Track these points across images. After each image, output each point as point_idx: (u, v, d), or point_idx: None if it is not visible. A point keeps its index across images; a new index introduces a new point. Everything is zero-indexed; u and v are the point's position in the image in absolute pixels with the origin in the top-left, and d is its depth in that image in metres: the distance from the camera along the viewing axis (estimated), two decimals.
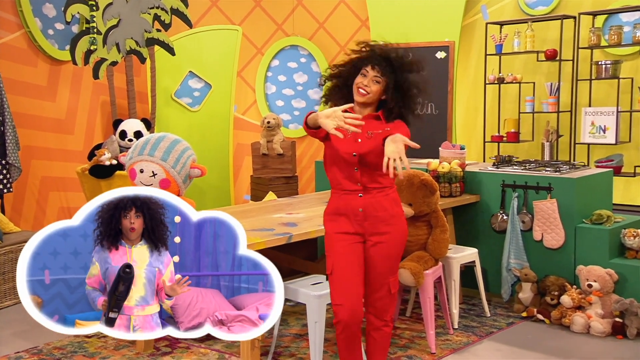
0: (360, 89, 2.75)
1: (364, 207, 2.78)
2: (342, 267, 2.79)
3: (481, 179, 4.44)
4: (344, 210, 2.80)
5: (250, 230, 3.37)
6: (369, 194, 2.78)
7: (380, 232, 2.80)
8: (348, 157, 2.75)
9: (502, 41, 5.88)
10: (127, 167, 3.44)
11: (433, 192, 3.63)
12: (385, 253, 2.81)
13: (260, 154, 6.31)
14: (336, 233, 2.82)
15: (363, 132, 2.76)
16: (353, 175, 2.77)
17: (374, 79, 2.74)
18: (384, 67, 2.73)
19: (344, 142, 2.75)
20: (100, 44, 5.63)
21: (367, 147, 2.74)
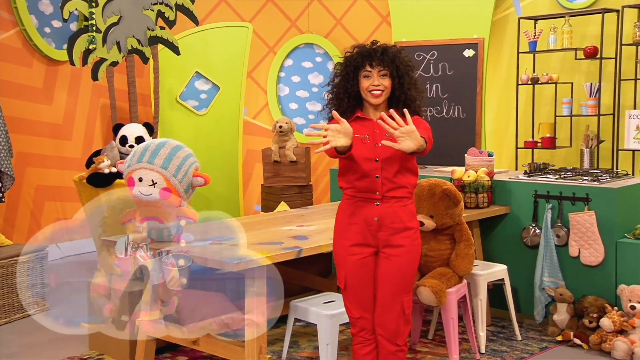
0: (373, 92, 2.80)
1: (380, 217, 2.81)
2: (356, 281, 2.83)
3: (511, 189, 4.43)
4: (357, 219, 2.84)
5: (257, 243, 3.41)
6: (387, 204, 2.81)
7: (394, 244, 2.83)
8: (369, 164, 2.78)
9: (536, 38, 5.87)
10: (125, 175, 3.48)
11: (456, 202, 3.63)
12: (399, 268, 2.83)
13: (272, 161, 6.35)
14: (348, 244, 2.85)
15: (381, 134, 2.79)
16: (373, 183, 2.80)
17: (380, 74, 2.79)
18: (382, 60, 2.78)
19: (363, 148, 2.79)
20: (99, 43, 5.72)
21: (389, 150, 2.77)
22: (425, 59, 6.12)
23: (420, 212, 3.63)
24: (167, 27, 6.08)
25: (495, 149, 6.19)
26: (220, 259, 3.08)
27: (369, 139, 2.79)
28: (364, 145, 2.79)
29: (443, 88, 6.07)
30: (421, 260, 3.70)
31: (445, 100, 6.04)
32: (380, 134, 2.81)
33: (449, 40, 6.05)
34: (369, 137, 2.80)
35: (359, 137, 2.80)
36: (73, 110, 6.43)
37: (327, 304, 3.37)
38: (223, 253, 3.20)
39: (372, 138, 2.80)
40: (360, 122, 2.85)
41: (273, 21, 7.22)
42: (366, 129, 2.83)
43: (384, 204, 2.81)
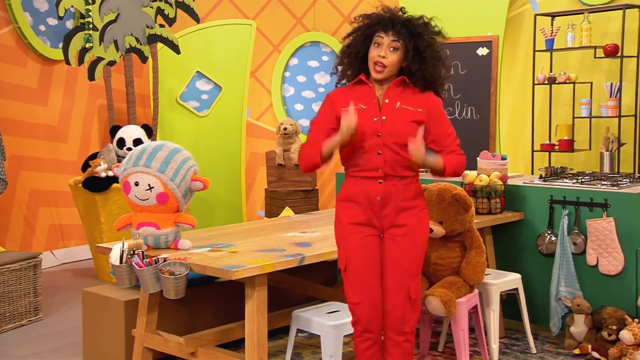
0: (376, 65, 2.72)
1: (383, 196, 2.79)
2: (358, 261, 2.80)
3: (526, 194, 4.42)
4: (360, 197, 2.81)
5: (257, 250, 3.42)
6: (390, 182, 2.78)
7: (399, 224, 2.81)
8: (371, 139, 2.74)
9: (553, 35, 5.86)
10: (120, 179, 3.51)
11: (467, 208, 3.63)
12: (405, 249, 2.81)
13: (276, 165, 6.37)
14: (349, 223, 2.82)
15: (390, 105, 2.74)
16: (374, 160, 2.76)
17: (391, 46, 2.71)
18: (400, 30, 2.70)
19: (363, 120, 2.73)
20: (96, 42, 5.77)
21: (394, 125, 2.73)
22: None
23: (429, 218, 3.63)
24: (167, 25, 6.12)
25: (510, 152, 6.18)
26: (219, 267, 3.10)
27: (366, 110, 2.74)
28: (364, 118, 2.73)
29: (455, 88, 6.07)
30: (430, 268, 3.71)
31: (457, 101, 6.04)
32: (386, 106, 2.73)
33: (462, 38, 6.05)
34: (366, 107, 2.75)
35: (357, 108, 2.74)
36: (69, 111, 6.48)
37: (331, 314, 3.38)
38: (222, 260, 3.22)
39: (370, 110, 2.74)
40: (361, 87, 2.80)
41: (277, 18, 7.26)
42: (365, 97, 2.78)
43: (387, 182, 2.78)
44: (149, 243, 3.45)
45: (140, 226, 3.45)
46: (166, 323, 3.71)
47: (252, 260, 3.20)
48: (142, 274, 3.23)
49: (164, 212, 3.46)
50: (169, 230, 3.46)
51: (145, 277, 3.22)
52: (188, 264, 3.21)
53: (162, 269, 3.20)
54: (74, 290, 5.33)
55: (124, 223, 3.53)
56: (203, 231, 3.98)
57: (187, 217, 3.51)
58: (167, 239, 3.47)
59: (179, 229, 3.52)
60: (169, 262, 3.23)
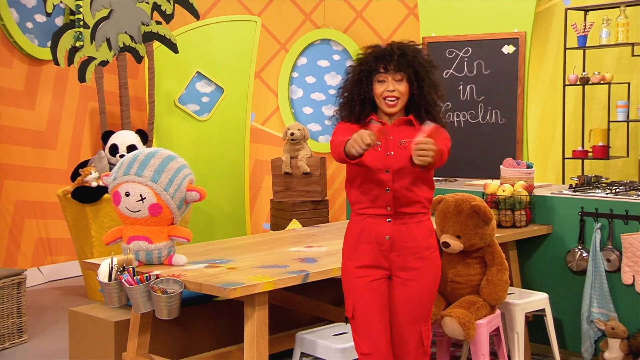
0: (387, 99, 2.84)
1: (392, 235, 2.85)
2: (366, 308, 2.85)
3: (554, 206, 4.42)
4: (367, 237, 2.87)
5: (258, 266, 3.44)
6: (400, 220, 2.85)
7: (409, 267, 2.86)
8: (379, 175, 2.83)
9: (586, 31, 5.86)
10: (110, 189, 3.54)
11: (487, 221, 3.63)
12: (416, 293, 2.86)
13: (283, 173, 6.39)
14: (356, 267, 2.88)
15: (394, 141, 2.84)
16: (383, 197, 2.84)
17: (395, 79, 2.84)
18: (399, 62, 2.83)
19: (373, 156, 2.83)
20: (87, 40, 5.82)
21: (403, 161, 2.82)
22: (457, 57, 6.14)
23: (445, 231, 3.64)
24: (164, 22, 6.17)
25: (539, 160, 6.17)
26: (216, 284, 3.12)
27: (379, 146, 2.83)
28: (375, 154, 2.83)
29: (478, 90, 6.07)
30: (447, 286, 3.71)
31: (480, 104, 6.05)
32: (393, 141, 2.84)
33: (486, 34, 6.06)
34: (380, 143, 2.83)
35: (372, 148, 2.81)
36: (58, 115, 6.54)
37: (338, 337, 3.39)
38: (219, 277, 3.24)
39: (384, 146, 2.84)
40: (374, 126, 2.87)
41: (284, 14, 7.29)
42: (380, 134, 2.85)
43: (396, 221, 2.85)
44: (141, 258, 3.48)
45: (131, 240, 3.47)
46: (159, 346, 3.73)
47: (252, 277, 3.21)
48: (132, 293, 3.25)
49: (157, 224, 3.49)
50: (162, 245, 3.48)
51: (136, 295, 3.25)
52: (182, 282, 3.22)
53: (154, 286, 3.22)
54: (61, 310, 5.36)
55: (114, 237, 3.55)
56: (200, 245, 4.00)
57: (182, 230, 3.53)
58: (160, 254, 3.49)
59: (173, 243, 3.54)
60: (161, 280, 3.24)
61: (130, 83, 6.25)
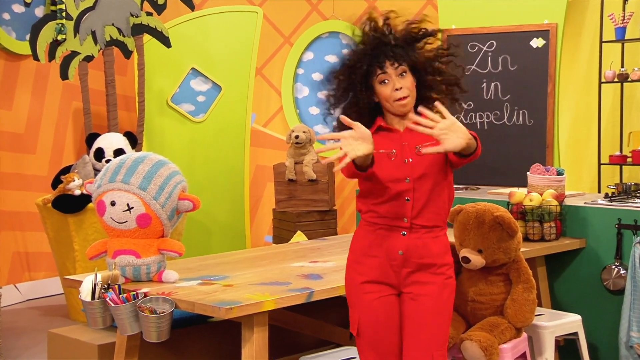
0: (398, 101, 2.81)
1: (406, 250, 2.85)
2: (373, 325, 2.85)
3: (587, 217, 4.41)
4: (378, 251, 2.87)
5: (257, 283, 3.45)
6: (415, 234, 2.85)
7: (422, 281, 2.86)
8: (398, 185, 2.82)
9: (625, 22, 5.86)
10: (94, 197, 3.55)
11: (512, 234, 3.63)
12: (428, 312, 2.85)
13: (286, 180, 6.41)
14: (363, 282, 2.88)
15: (409, 147, 2.84)
16: (402, 208, 2.83)
17: (398, 75, 2.81)
18: (395, 53, 2.79)
19: (390, 166, 2.83)
20: (70, 33, 5.85)
21: (422, 167, 2.82)
22: (481, 52, 6.15)
23: (465, 245, 3.64)
24: (156, 13, 6.19)
25: (572, 166, 6.16)
26: (210, 304, 3.13)
27: (395, 154, 2.83)
28: (391, 163, 2.83)
29: (504, 88, 6.08)
30: (467, 306, 3.71)
31: (506, 104, 6.06)
32: (409, 146, 2.84)
33: (512, 26, 6.07)
34: (396, 152, 2.84)
35: (384, 153, 2.83)
36: (38, 116, 6.57)
37: None
38: (214, 296, 3.25)
39: (400, 153, 2.84)
40: (384, 134, 2.88)
41: (289, 5, 7.32)
42: (392, 142, 2.86)
43: (412, 234, 2.84)
44: (127, 275, 3.48)
45: (117, 254, 3.48)
46: None
47: (250, 296, 3.21)
48: (118, 312, 3.26)
49: (146, 237, 3.50)
50: (151, 260, 3.49)
51: (122, 316, 3.26)
52: (173, 300, 3.23)
53: (142, 306, 3.23)
54: (40, 332, 5.37)
55: (98, 251, 3.56)
56: (193, 260, 4.01)
57: (174, 243, 3.54)
58: (149, 270, 3.50)
59: (164, 258, 3.55)
60: (150, 298, 3.25)
61: (117, 80, 6.27)
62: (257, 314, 3.15)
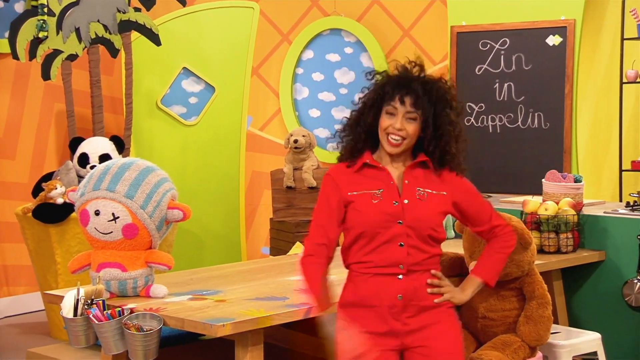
0: (390, 137, 2.83)
1: (405, 293, 2.84)
2: None
3: (607, 227, 4.41)
4: (374, 300, 2.84)
5: (251, 298, 3.45)
6: (411, 276, 2.85)
7: (425, 324, 2.85)
8: (390, 228, 2.82)
9: None
10: (77, 207, 3.56)
11: (525, 245, 3.64)
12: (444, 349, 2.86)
13: (284, 188, 6.40)
14: (362, 333, 2.83)
15: (410, 188, 2.85)
16: (394, 253, 2.83)
17: (407, 116, 2.82)
18: (418, 97, 2.82)
19: (376, 208, 2.83)
20: (52, 30, 5.85)
21: (418, 212, 2.83)
22: (493, 50, 6.15)
23: (475, 257, 3.64)
24: (144, 9, 6.20)
25: (590, 173, 6.15)
26: (201, 320, 3.13)
27: (381, 195, 2.83)
28: (378, 205, 2.83)
29: (518, 89, 6.08)
30: (478, 324, 3.71)
31: (520, 105, 6.05)
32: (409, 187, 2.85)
33: (527, 23, 6.07)
34: (382, 192, 2.84)
35: (368, 194, 2.84)
36: (17, 119, 6.57)
37: None
38: (206, 312, 3.25)
39: (387, 193, 2.84)
40: (370, 171, 2.89)
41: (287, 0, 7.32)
42: (378, 181, 2.87)
43: (408, 277, 2.84)
44: (112, 289, 3.49)
45: (101, 268, 3.49)
46: None
47: (244, 312, 3.22)
48: (102, 330, 3.26)
49: (132, 249, 3.50)
50: (138, 273, 3.50)
51: (106, 333, 3.26)
52: (162, 317, 3.23)
53: (127, 323, 3.23)
54: (19, 351, 5.36)
55: (81, 264, 3.57)
56: (183, 274, 4.02)
57: (162, 255, 3.55)
58: (136, 284, 3.51)
59: (152, 271, 3.56)
60: (137, 315, 3.25)
61: (103, 81, 6.28)
62: (252, 332, 3.15)
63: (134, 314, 3.26)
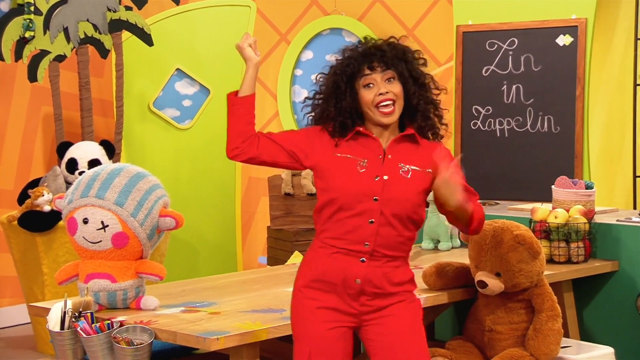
0: (381, 105, 2.86)
1: (364, 279, 2.87)
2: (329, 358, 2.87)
3: (620, 236, 4.41)
4: (332, 277, 2.89)
5: (247, 311, 3.45)
6: (376, 261, 2.87)
7: (383, 305, 2.89)
8: (362, 203, 2.84)
9: None
10: (64, 214, 3.56)
11: (534, 255, 3.64)
12: (398, 331, 2.87)
13: (282, 194, 6.41)
14: (318, 308, 2.91)
15: (392, 162, 2.87)
16: (363, 230, 2.85)
17: (385, 77, 2.87)
18: (385, 56, 2.87)
19: (357, 178, 2.86)
20: (39, 30, 5.85)
21: (398, 191, 2.85)
22: (500, 50, 6.15)
23: (482, 267, 3.65)
24: (136, 8, 6.20)
25: (603, 179, 6.15)
26: (194, 334, 3.13)
27: (366, 166, 2.86)
28: (359, 175, 2.85)
29: (527, 91, 6.08)
30: (484, 337, 3.71)
31: (529, 108, 6.05)
32: (391, 162, 2.86)
33: (536, 22, 6.07)
34: (367, 162, 2.86)
35: (353, 160, 2.87)
36: (2, 123, 6.56)
37: None
38: (199, 325, 3.25)
39: (372, 165, 2.87)
40: (361, 139, 2.92)
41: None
42: (367, 150, 2.90)
43: (371, 262, 2.86)
44: (101, 301, 3.49)
45: (90, 278, 3.49)
46: None
47: (239, 325, 3.22)
48: (90, 344, 3.26)
49: (123, 259, 3.51)
50: (128, 284, 3.50)
51: (94, 347, 3.26)
52: (153, 330, 3.23)
53: (117, 336, 3.23)
54: None
55: (68, 274, 3.57)
56: (175, 285, 4.02)
57: (154, 265, 3.55)
58: (126, 296, 3.51)
59: (143, 282, 3.56)
60: (127, 328, 3.26)
61: (93, 83, 6.28)
62: (247, 346, 3.15)
63: (123, 327, 3.26)
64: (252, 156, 2.96)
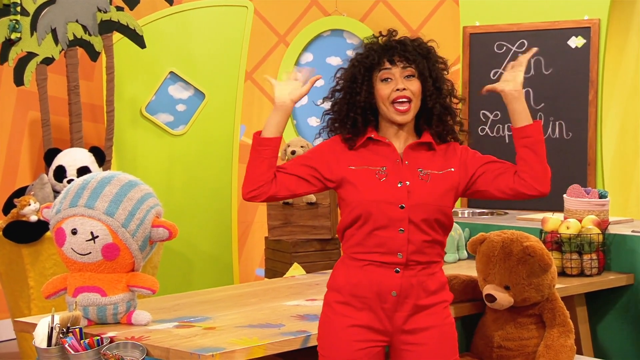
0: (398, 101, 2.86)
1: (400, 290, 2.86)
2: None
3: (636, 248, 4.41)
4: (366, 291, 2.88)
5: (244, 326, 3.44)
6: (410, 270, 2.87)
7: (418, 328, 2.88)
8: (390, 211, 2.84)
9: None
10: (52, 225, 3.56)
11: (545, 267, 3.64)
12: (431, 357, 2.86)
13: (281, 204, 6.41)
14: (350, 326, 2.89)
15: (410, 168, 2.87)
16: (394, 240, 2.85)
17: (405, 74, 2.87)
18: (407, 51, 2.87)
19: (379, 187, 2.86)
20: (26, 31, 5.86)
21: (422, 195, 2.85)
22: (509, 52, 6.17)
23: (490, 280, 3.65)
24: (127, 8, 6.20)
25: (618, 187, 6.16)
26: (189, 350, 3.13)
27: (386, 173, 2.86)
28: (380, 184, 2.86)
29: (537, 95, 6.09)
30: (493, 353, 3.71)
31: (540, 113, 6.07)
32: (409, 168, 2.87)
33: (547, 23, 6.09)
34: (386, 169, 2.87)
35: (371, 170, 2.87)
36: None
37: None
38: (193, 341, 3.24)
39: (392, 172, 2.87)
40: (374, 146, 2.92)
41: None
42: (383, 158, 2.91)
43: (406, 272, 2.86)
44: (91, 316, 3.48)
45: (79, 292, 3.48)
46: None
47: (235, 340, 3.21)
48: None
49: (113, 271, 3.50)
50: (119, 298, 3.49)
51: None
52: (144, 347, 3.23)
53: (107, 353, 3.23)
54: None
55: (56, 288, 3.56)
56: (168, 299, 4.02)
57: (146, 278, 3.54)
58: (117, 310, 3.50)
59: (134, 295, 3.55)
60: (117, 344, 3.24)
61: (82, 86, 6.28)
62: None
63: (114, 344, 3.25)
64: (270, 195, 2.93)
